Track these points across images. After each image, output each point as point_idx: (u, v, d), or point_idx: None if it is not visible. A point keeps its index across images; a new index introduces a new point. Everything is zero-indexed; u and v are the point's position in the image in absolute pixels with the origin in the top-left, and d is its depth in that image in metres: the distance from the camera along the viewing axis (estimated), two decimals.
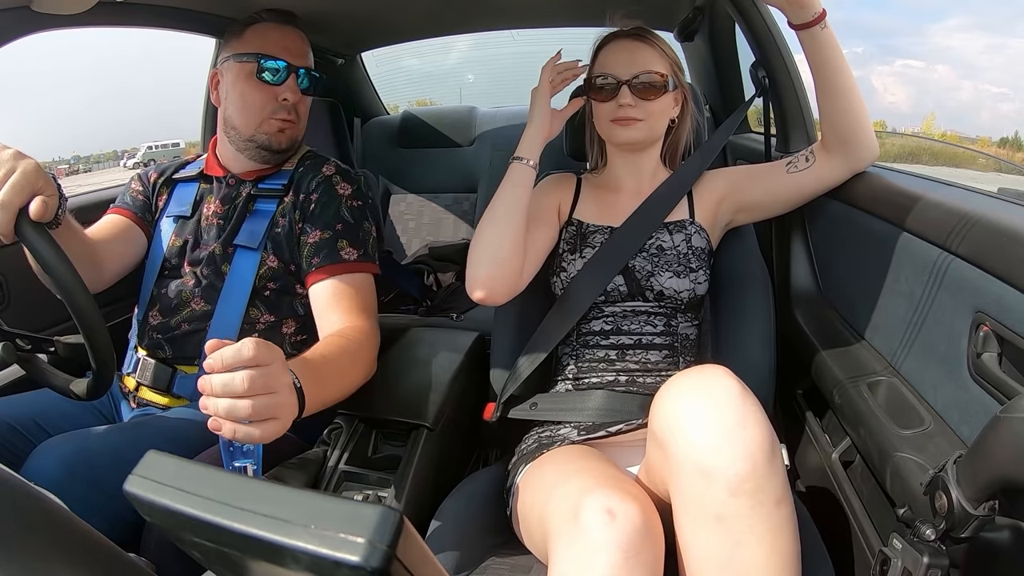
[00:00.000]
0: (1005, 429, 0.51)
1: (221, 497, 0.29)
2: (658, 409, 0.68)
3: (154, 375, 0.98)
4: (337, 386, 0.82)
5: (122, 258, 1.05)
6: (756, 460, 0.61)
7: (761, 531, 0.62)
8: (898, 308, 0.87)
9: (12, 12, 0.95)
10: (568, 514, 0.65)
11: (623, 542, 0.61)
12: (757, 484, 0.61)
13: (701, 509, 0.63)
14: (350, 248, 0.99)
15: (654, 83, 0.96)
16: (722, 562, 0.62)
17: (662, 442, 0.67)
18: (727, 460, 0.61)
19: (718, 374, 0.67)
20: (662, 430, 0.67)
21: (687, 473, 0.64)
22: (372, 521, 0.26)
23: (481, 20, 1.83)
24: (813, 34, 0.88)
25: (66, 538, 0.33)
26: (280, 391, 0.63)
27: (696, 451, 0.63)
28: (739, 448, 0.62)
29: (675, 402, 0.66)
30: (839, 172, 0.98)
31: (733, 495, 0.61)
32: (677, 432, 0.65)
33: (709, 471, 0.62)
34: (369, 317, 0.95)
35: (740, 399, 0.64)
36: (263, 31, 1.02)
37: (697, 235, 1.00)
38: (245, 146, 1.04)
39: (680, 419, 0.65)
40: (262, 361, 0.61)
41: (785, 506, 0.63)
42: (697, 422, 0.64)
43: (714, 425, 0.63)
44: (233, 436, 0.60)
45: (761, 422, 0.64)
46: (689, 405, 0.65)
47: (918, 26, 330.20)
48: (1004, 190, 0.87)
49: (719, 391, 0.65)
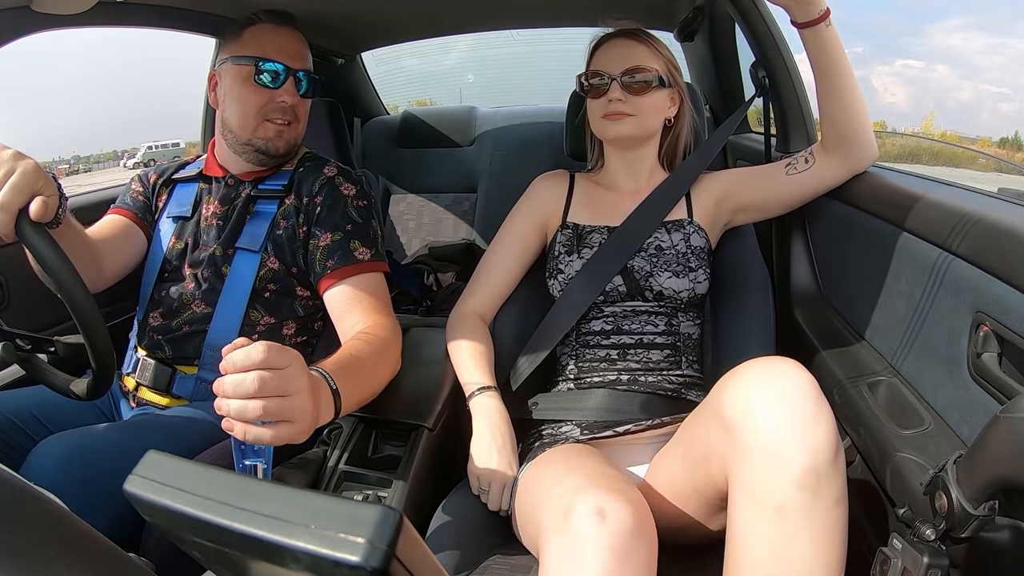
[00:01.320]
0: (1005, 429, 0.51)
1: (221, 497, 0.29)
2: (729, 392, 0.68)
3: (154, 375, 0.98)
4: (369, 384, 0.84)
5: (122, 258, 1.05)
6: (824, 456, 0.62)
7: (816, 527, 0.62)
8: (898, 308, 0.87)
9: (12, 12, 0.95)
10: (559, 514, 0.65)
11: (614, 543, 0.61)
12: (820, 480, 0.62)
13: (763, 497, 0.63)
14: (363, 248, 0.99)
15: (645, 79, 0.97)
16: (775, 553, 0.62)
17: (731, 425, 0.66)
18: (797, 451, 0.62)
19: (795, 367, 0.67)
20: (732, 413, 0.66)
21: (755, 459, 0.64)
22: (372, 521, 0.26)
23: (481, 20, 1.83)
24: (817, 32, 0.88)
25: (66, 538, 0.33)
26: (295, 394, 0.62)
27: (768, 438, 0.63)
28: (810, 442, 0.62)
29: (750, 388, 0.66)
30: (839, 173, 0.98)
31: (797, 487, 0.61)
32: (750, 417, 0.65)
33: (778, 459, 0.62)
34: (390, 314, 0.96)
35: (816, 394, 0.65)
36: (261, 33, 1.02)
37: (696, 234, 1.00)
38: (242, 149, 1.03)
39: (755, 404, 0.65)
40: (273, 364, 0.60)
41: (842, 507, 0.64)
42: (771, 409, 0.64)
43: (789, 415, 0.63)
44: (244, 437, 0.60)
45: (831, 421, 0.64)
46: (766, 392, 0.65)
47: (918, 26, 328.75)
48: (1004, 190, 0.87)
49: (795, 383, 0.65)
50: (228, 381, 0.60)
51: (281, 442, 0.62)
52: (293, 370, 0.62)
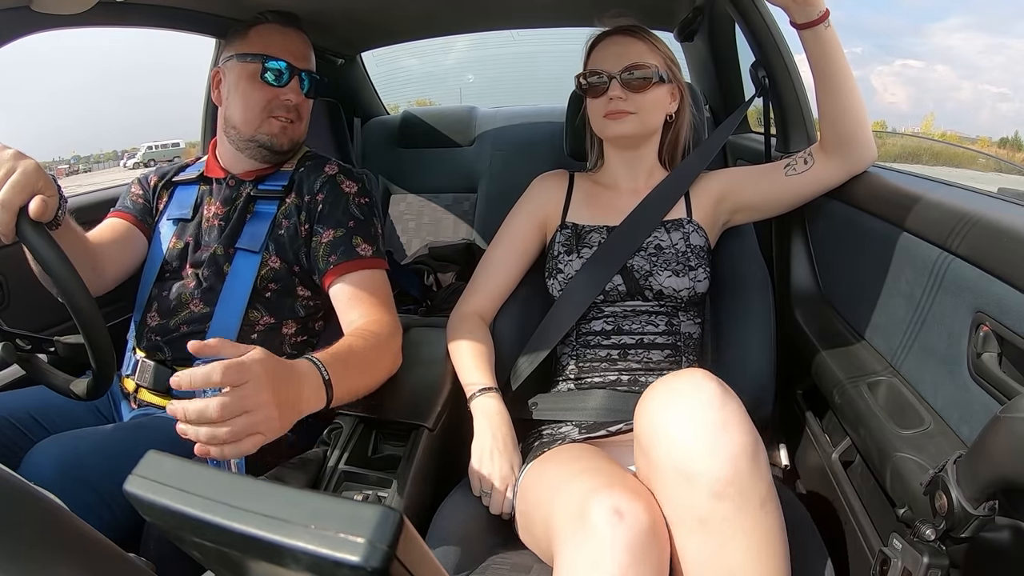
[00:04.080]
0: (1005, 429, 0.51)
1: (221, 497, 0.29)
2: (641, 413, 0.69)
3: (153, 377, 0.98)
4: (365, 377, 0.85)
5: (123, 261, 1.05)
6: (739, 463, 0.61)
7: (746, 533, 0.62)
8: (898, 308, 0.87)
9: (12, 12, 0.95)
10: (575, 513, 0.65)
11: (631, 542, 0.61)
12: (740, 487, 0.61)
13: (685, 512, 0.63)
14: (365, 244, 1.00)
15: (644, 75, 0.97)
16: (707, 564, 0.62)
17: (645, 446, 0.67)
18: (709, 464, 0.61)
19: (698, 377, 0.67)
20: (645, 434, 0.67)
21: (670, 477, 0.64)
22: (372, 521, 0.26)
23: (481, 20, 1.83)
24: (816, 33, 0.88)
25: (66, 538, 0.33)
26: (256, 410, 0.64)
27: (678, 455, 0.63)
28: (721, 451, 0.62)
29: (656, 406, 0.67)
30: (838, 174, 0.98)
31: (716, 498, 0.61)
32: (659, 436, 0.65)
33: (691, 475, 0.62)
34: (391, 311, 0.97)
35: (721, 401, 0.64)
36: (267, 33, 1.03)
37: (695, 233, 1.00)
38: (246, 146, 1.04)
39: (661, 423, 0.65)
40: (232, 383, 0.62)
41: (771, 507, 0.63)
42: (678, 426, 0.64)
43: (695, 428, 0.63)
44: (221, 457, 0.63)
45: (743, 424, 0.64)
46: (670, 408, 0.65)
47: (918, 26, 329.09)
48: (1004, 190, 0.87)
49: (700, 394, 0.65)
50: (192, 408, 0.62)
51: (253, 451, 0.65)
52: (251, 387, 0.64)
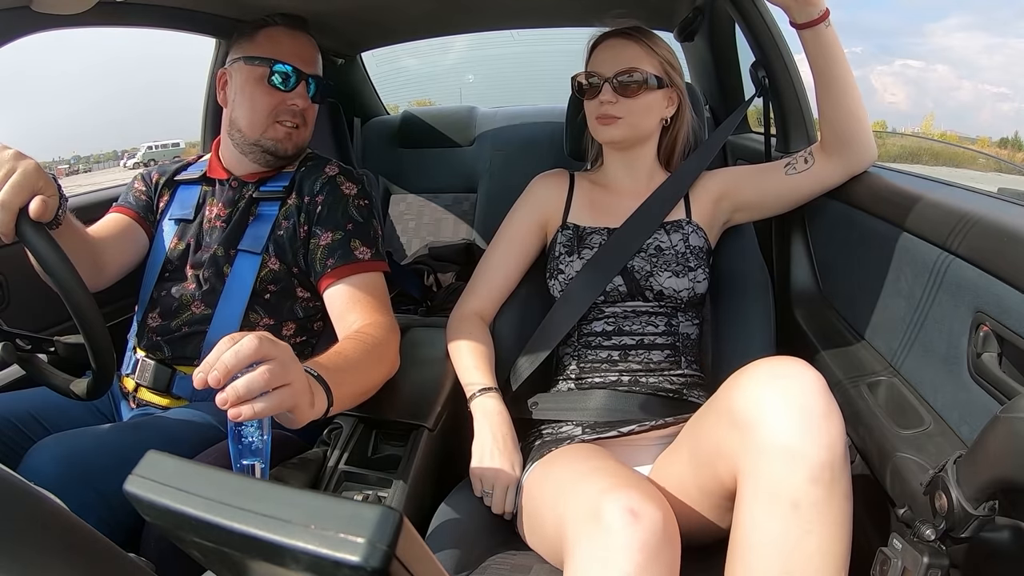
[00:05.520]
0: (1005, 429, 0.51)
1: (221, 497, 0.29)
2: (739, 392, 0.69)
3: (153, 376, 0.98)
4: (361, 383, 0.83)
5: (123, 257, 1.05)
6: (837, 451, 0.63)
7: (829, 522, 0.62)
8: (898, 308, 0.87)
9: (12, 12, 0.94)
10: (588, 513, 0.65)
11: (645, 542, 0.61)
12: (834, 475, 0.62)
13: (778, 494, 0.63)
14: (363, 247, 0.99)
15: (635, 80, 0.97)
16: (789, 548, 0.63)
17: (744, 424, 0.67)
18: (812, 447, 0.62)
19: (804, 365, 0.68)
20: (745, 412, 0.67)
21: (769, 457, 0.64)
22: (372, 521, 0.26)
23: (481, 20, 1.83)
24: (817, 33, 0.88)
25: (66, 538, 0.33)
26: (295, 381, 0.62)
27: (786, 435, 0.63)
28: (824, 437, 0.63)
29: (760, 384, 0.67)
30: (837, 174, 0.98)
31: (813, 483, 0.62)
32: (762, 415, 0.65)
33: (794, 456, 0.63)
34: (388, 314, 0.96)
35: (825, 390, 0.66)
36: (276, 36, 1.02)
37: (694, 234, 1.00)
38: (250, 149, 1.03)
39: (768, 402, 0.65)
40: (268, 354, 0.60)
41: (851, 501, 0.64)
42: (787, 407, 0.64)
43: (803, 412, 0.64)
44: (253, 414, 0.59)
45: (841, 417, 0.65)
46: (777, 391, 0.66)
47: (918, 26, 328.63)
48: (1004, 190, 0.87)
49: (807, 380, 0.66)
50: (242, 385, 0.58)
51: (285, 406, 0.62)
52: (287, 354, 0.62)
